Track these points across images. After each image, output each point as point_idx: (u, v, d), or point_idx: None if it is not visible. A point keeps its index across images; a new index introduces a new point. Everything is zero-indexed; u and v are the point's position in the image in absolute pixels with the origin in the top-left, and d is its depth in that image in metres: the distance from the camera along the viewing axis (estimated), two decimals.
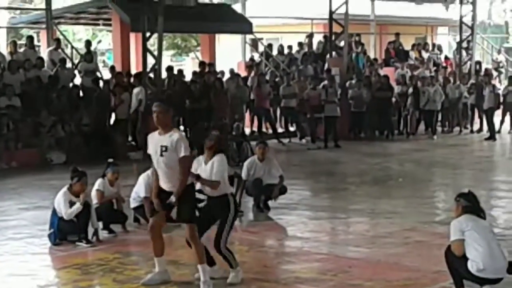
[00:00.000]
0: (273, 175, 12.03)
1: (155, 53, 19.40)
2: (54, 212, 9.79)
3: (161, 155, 7.74)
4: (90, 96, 19.14)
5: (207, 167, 8.15)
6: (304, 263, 8.87)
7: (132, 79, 19.99)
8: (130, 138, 19.34)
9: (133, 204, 10.96)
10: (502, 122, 23.53)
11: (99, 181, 10.48)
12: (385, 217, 11.41)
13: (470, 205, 7.40)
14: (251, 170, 11.90)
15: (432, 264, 8.54)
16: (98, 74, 21.24)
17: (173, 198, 7.64)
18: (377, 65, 25.38)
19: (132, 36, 23.04)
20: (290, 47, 26.17)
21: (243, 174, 11.82)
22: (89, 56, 21.15)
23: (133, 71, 21.51)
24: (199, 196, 10.56)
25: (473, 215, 7.34)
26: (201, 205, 10.97)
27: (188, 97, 19.87)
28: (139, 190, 10.85)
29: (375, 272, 8.41)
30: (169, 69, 21.25)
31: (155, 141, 7.87)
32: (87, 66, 20.82)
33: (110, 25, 23.72)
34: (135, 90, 18.68)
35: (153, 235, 7.98)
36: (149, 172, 10.91)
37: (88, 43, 22.48)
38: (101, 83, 20.32)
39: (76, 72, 21.08)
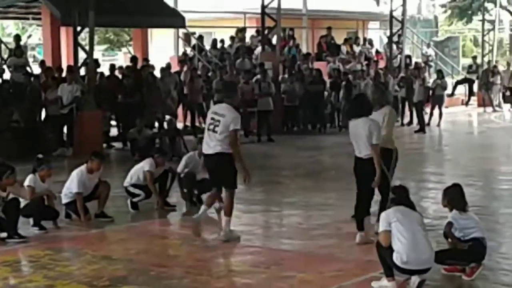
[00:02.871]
0: None
1: (87, 47, 19.16)
2: None
3: None
4: (20, 92, 18.81)
5: None
6: (237, 256, 8.92)
7: (64, 74, 19.69)
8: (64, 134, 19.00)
9: (64, 200, 10.85)
10: (431, 115, 23.96)
11: (30, 177, 10.31)
12: (318, 209, 11.52)
13: (396, 197, 7.60)
14: (189, 164, 11.87)
15: (363, 254, 8.69)
16: (28, 69, 20.91)
17: None
18: (309, 59, 25.56)
19: (63, 30, 22.76)
20: (222, 41, 26.17)
21: (179, 168, 11.80)
22: (19, 50, 20.83)
23: (64, 66, 21.21)
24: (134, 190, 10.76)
25: (403, 207, 7.48)
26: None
27: (120, 92, 19.72)
28: (71, 186, 10.74)
29: (308, 263, 8.49)
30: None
31: None
32: (17, 61, 20.48)
33: (40, 19, 23.36)
34: (69, 87, 18.34)
35: None
36: (82, 168, 10.81)
37: (17, 38, 22.14)
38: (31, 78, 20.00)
39: (5, 67, 20.73)
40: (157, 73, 21.34)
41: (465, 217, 7.81)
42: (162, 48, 28.79)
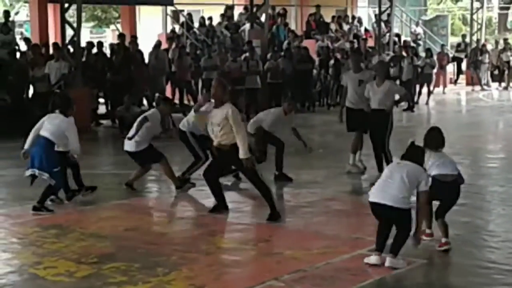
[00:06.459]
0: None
1: (74, 25, 19.05)
2: None
3: None
4: (6, 69, 18.68)
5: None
6: (226, 233, 8.93)
7: (51, 51, 19.56)
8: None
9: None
10: (419, 93, 23.98)
11: None
12: (306, 187, 11.54)
13: (406, 153, 8.07)
14: (277, 121, 12.30)
15: (351, 232, 8.72)
16: (16, 46, 20.75)
17: None
18: (298, 37, 25.45)
19: (50, 7, 22.61)
20: (210, 18, 26.05)
21: (268, 124, 12.26)
22: (6, 27, 20.66)
23: (51, 43, 21.09)
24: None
25: (406, 161, 7.84)
26: None
27: (109, 69, 19.64)
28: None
29: (295, 241, 8.50)
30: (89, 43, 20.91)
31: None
32: (4, 37, 20.32)
33: None
34: (56, 64, 18.21)
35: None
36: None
37: (6, 14, 21.94)
38: (18, 55, 19.86)
39: None
40: (145, 51, 21.26)
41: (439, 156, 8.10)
42: (150, 25, 28.66)
